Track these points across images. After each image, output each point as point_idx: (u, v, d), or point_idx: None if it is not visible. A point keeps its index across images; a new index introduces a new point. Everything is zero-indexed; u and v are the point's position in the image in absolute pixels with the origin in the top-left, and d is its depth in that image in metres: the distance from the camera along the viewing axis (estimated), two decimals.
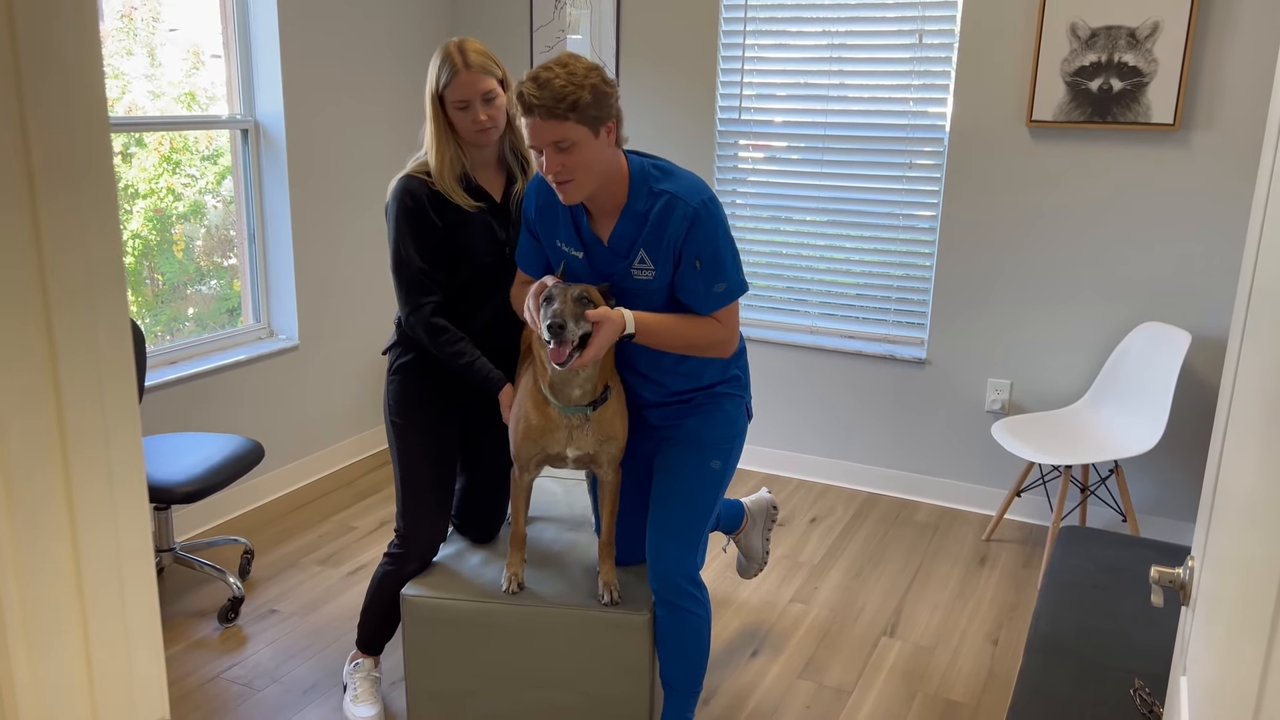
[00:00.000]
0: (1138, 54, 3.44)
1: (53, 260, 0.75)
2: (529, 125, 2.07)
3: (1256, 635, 0.84)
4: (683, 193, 2.16)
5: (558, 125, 2.03)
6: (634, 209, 2.19)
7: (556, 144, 2.05)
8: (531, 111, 2.04)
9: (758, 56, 4.12)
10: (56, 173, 0.75)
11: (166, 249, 3.75)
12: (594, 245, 2.25)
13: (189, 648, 3.02)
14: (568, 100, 2.02)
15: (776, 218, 4.23)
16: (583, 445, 2.30)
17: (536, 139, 2.07)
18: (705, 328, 2.23)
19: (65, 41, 0.74)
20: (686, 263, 2.17)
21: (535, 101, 2.03)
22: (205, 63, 3.76)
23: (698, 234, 2.15)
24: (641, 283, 2.22)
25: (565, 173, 2.08)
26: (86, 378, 0.78)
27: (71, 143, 0.76)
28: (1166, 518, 3.78)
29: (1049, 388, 3.87)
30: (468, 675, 2.50)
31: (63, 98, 0.75)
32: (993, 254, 3.85)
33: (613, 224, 2.22)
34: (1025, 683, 2.09)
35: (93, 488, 0.80)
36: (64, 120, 0.75)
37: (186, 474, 3.00)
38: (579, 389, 2.22)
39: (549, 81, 2.02)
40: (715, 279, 2.19)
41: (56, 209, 0.75)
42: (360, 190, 4.26)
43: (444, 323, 2.42)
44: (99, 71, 0.77)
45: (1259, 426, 0.98)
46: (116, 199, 0.80)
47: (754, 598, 3.38)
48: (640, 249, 2.20)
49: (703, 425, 2.37)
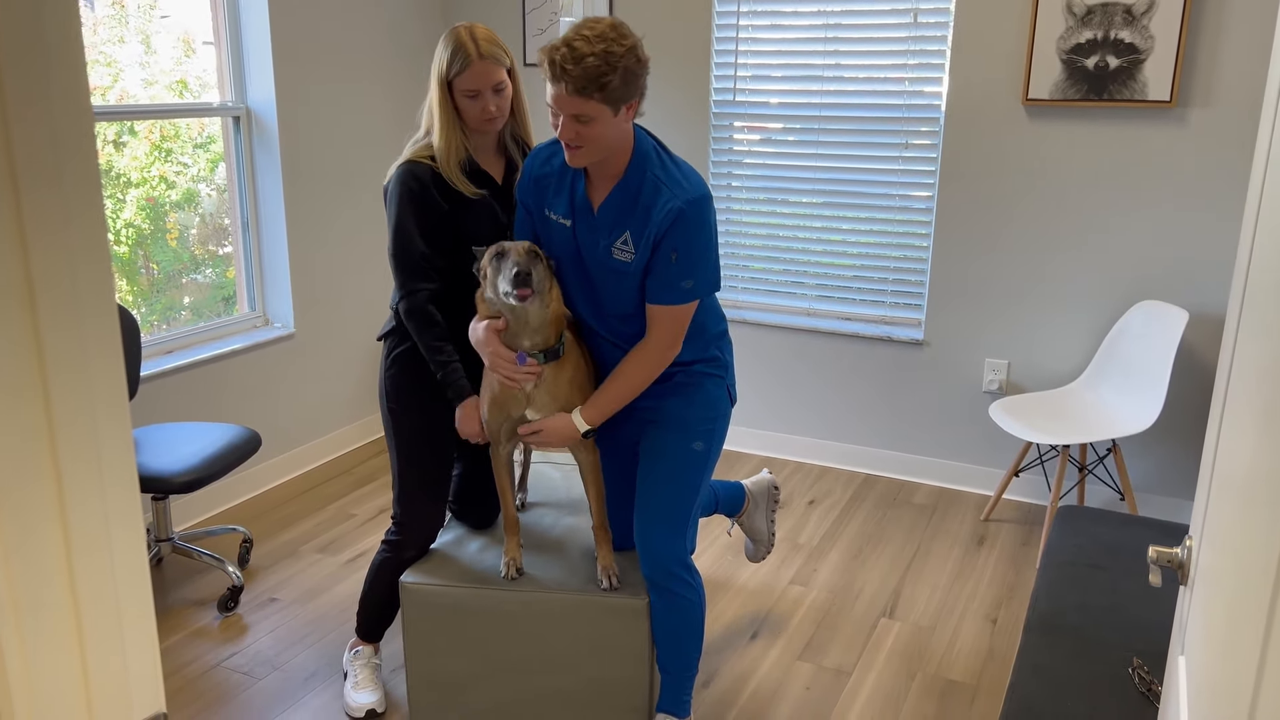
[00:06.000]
0: (1134, 30, 3.42)
1: (36, 248, 0.74)
2: (554, 91, 2.08)
3: (1255, 614, 0.84)
4: (675, 188, 2.18)
5: (582, 101, 2.05)
6: (627, 184, 2.20)
7: (576, 116, 2.07)
8: (559, 81, 2.05)
9: (752, 37, 4.10)
10: (39, 162, 0.74)
11: (161, 238, 3.74)
12: (583, 212, 2.26)
13: (189, 637, 3.02)
14: (597, 81, 2.03)
15: (772, 199, 4.21)
16: (542, 407, 2.31)
17: (558, 105, 2.09)
18: (643, 367, 2.27)
19: (48, 32, 0.73)
20: (663, 252, 2.19)
21: (565, 74, 2.04)
22: (196, 50, 3.74)
23: (680, 230, 2.17)
24: (620, 263, 2.24)
25: (577, 140, 2.11)
26: (73, 367, 0.77)
27: (54, 132, 0.75)
28: (1164, 496, 3.78)
29: (1046, 367, 3.87)
30: (468, 661, 2.50)
31: (43, 88, 0.73)
32: (989, 234, 3.84)
33: (605, 193, 2.23)
34: (1024, 662, 2.10)
35: (82, 479, 0.79)
36: (45, 110, 0.74)
37: (184, 464, 2.99)
38: (529, 338, 2.25)
39: (583, 58, 2.02)
40: (686, 275, 2.21)
41: (39, 198, 0.74)
42: (353, 176, 4.24)
43: (437, 315, 2.40)
44: (79, 51, 0.75)
45: (1257, 404, 0.97)
46: (100, 184, 0.79)
47: (753, 580, 3.38)
48: (626, 230, 2.21)
49: (684, 406, 2.37)
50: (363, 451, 4.42)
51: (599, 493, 2.44)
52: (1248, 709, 0.81)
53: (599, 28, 2.06)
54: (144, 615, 0.86)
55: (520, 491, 2.87)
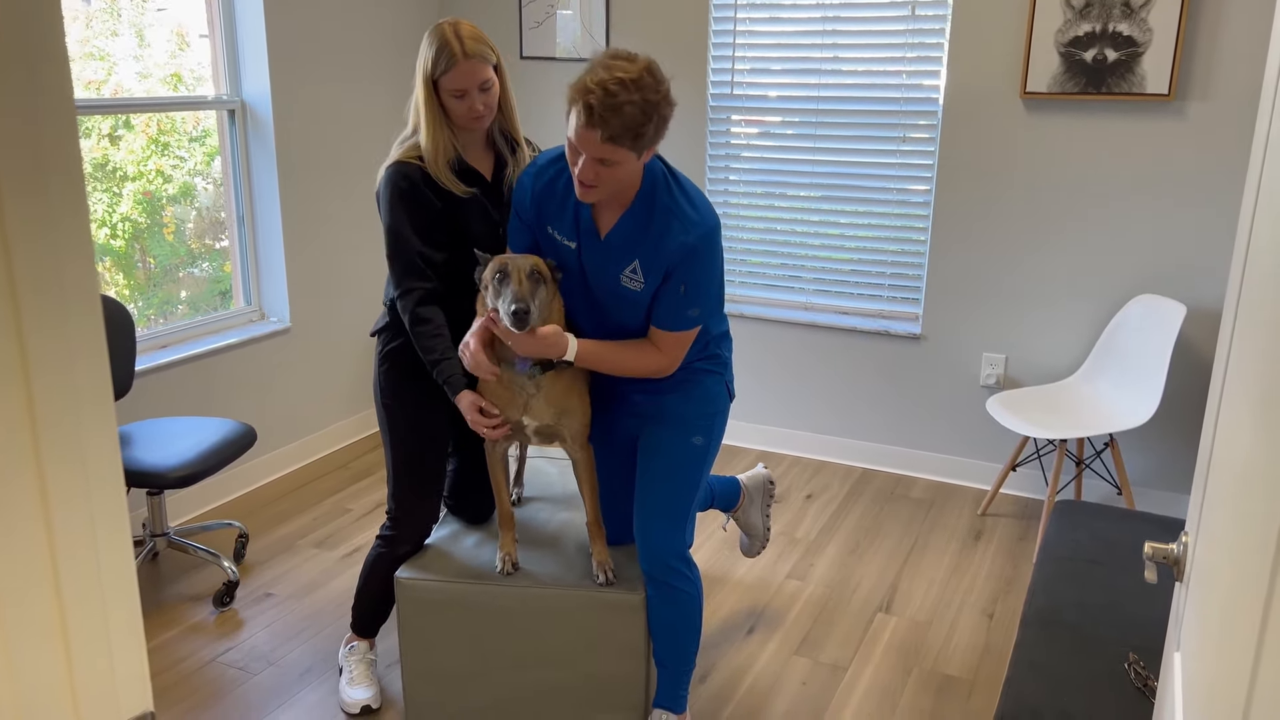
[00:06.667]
0: (1132, 23, 3.41)
1: (18, 248, 0.73)
2: (580, 130, 1.99)
3: (1250, 610, 0.83)
4: (686, 221, 2.15)
5: (612, 148, 2.00)
6: (636, 213, 2.17)
7: (601, 160, 2.02)
8: (593, 127, 1.97)
9: (750, 30, 4.08)
10: (21, 160, 0.73)
11: (157, 232, 3.73)
12: (589, 236, 2.22)
13: (184, 632, 3.02)
14: (633, 131, 1.97)
15: (770, 194, 4.20)
16: (539, 415, 2.30)
17: (584, 147, 2.01)
18: (643, 356, 2.24)
19: (29, 28, 0.72)
20: (673, 284, 2.18)
21: (602, 122, 1.96)
22: (191, 44, 3.72)
23: (693, 263, 2.16)
24: (629, 291, 2.22)
25: (595, 180, 2.05)
26: (57, 368, 0.77)
27: (37, 129, 0.74)
28: (1161, 490, 3.78)
29: (1044, 362, 3.87)
30: (463, 657, 2.50)
31: (26, 85, 0.73)
32: (987, 228, 3.83)
33: (613, 221, 2.20)
34: (1021, 656, 2.09)
35: (67, 480, 0.79)
36: (27, 107, 0.73)
37: (179, 458, 2.98)
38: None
39: (621, 106, 1.94)
40: (693, 304, 2.20)
41: (21, 196, 0.73)
42: (349, 170, 4.22)
43: (429, 314, 2.37)
44: (62, 46, 0.75)
45: (1253, 399, 0.97)
46: (84, 182, 0.78)
47: (750, 575, 3.38)
48: (635, 259, 2.19)
49: (683, 402, 2.37)
50: (358, 446, 4.42)
51: (593, 489, 2.44)
52: (1243, 705, 0.81)
53: (634, 71, 1.97)
54: (130, 615, 0.85)
55: (516, 486, 2.86)
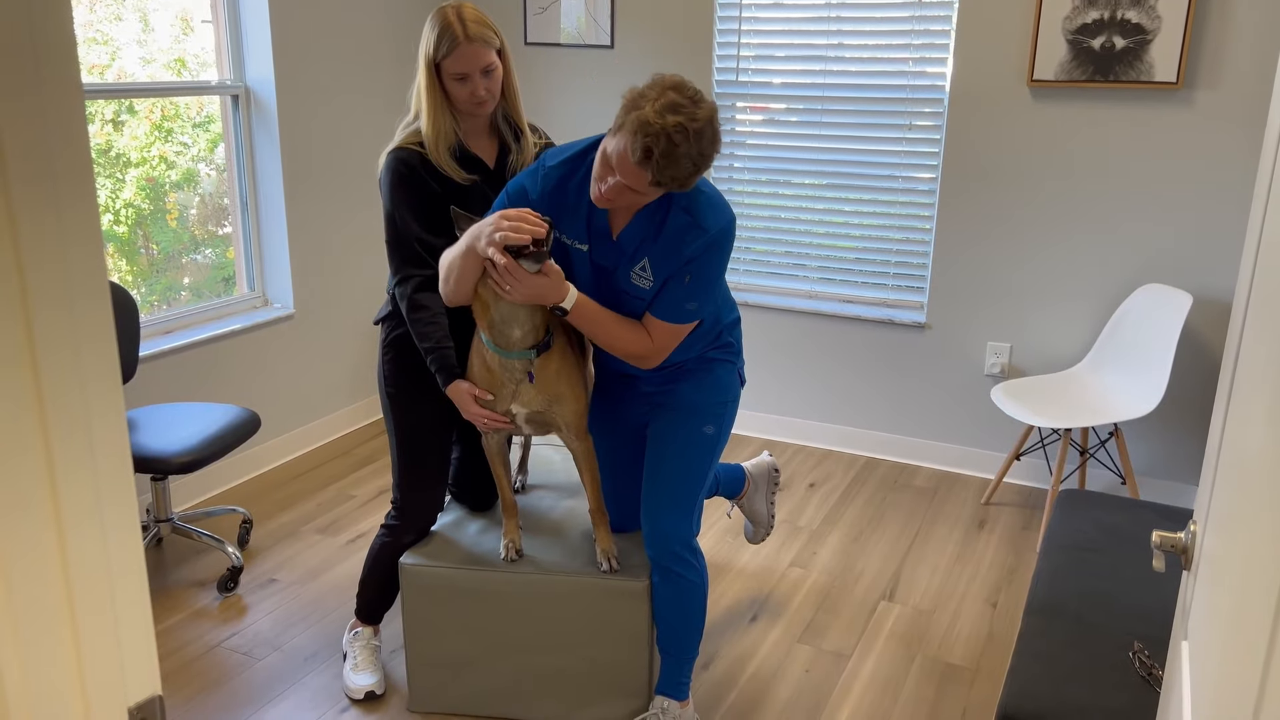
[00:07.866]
0: (1140, 10, 3.39)
1: (26, 232, 0.73)
2: (630, 165, 1.95)
3: (1263, 600, 0.83)
4: (705, 218, 2.14)
5: (656, 189, 2.01)
6: (650, 213, 2.17)
7: (638, 191, 2.01)
8: (646, 169, 1.94)
9: (755, 17, 4.06)
10: (29, 145, 0.73)
11: (161, 218, 3.72)
12: (602, 237, 2.21)
13: (189, 617, 3.02)
14: (680, 181, 1.97)
15: (775, 181, 4.19)
16: (529, 402, 2.28)
17: (625, 176, 1.98)
18: (634, 335, 2.22)
19: (37, 13, 0.71)
20: (680, 274, 2.17)
21: (656, 167, 1.93)
22: (195, 28, 3.71)
23: (704, 258, 2.16)
24: (636, 288, 2.21)
25: (620, 200, 2.05)
26: (65, 348, 0.76)
27: (44, 115, 0.73)
28: (1166, 480, 3.78)
29: (1049, 351, 3.86)
30: (467, 643, 2.50)
31: (34, 70, 0.72)
32: (992, 216, 3.82)
33: (625, 221, 2.19)
34: (1024, 645, 2.09)
35: (73, 458, 0.78)
36: (35, 92, 0.72)
37: (183, 444, 2.98)
38: (519, 329, 2.20)
39: (680, 159, 1.92)
40: (693, 298, 2.19)
41: (29, 181, 0.73)
42: (353, 156, 4.21)
43: (426, 300, 2.36)
44: (70, 32, 0.74)
45: (1266, 389, 0.96)
46: (92, 167, 0.78)
47: (753, 563, 3.38)
48: (645, 257, 2.18)
49: (695, 390, 2.36)
50: (363, 432, 4.42)
51: (594, 478, 2.43)
52: (1255, 696, 0.80)
53: (700, 121, 1.93)
54: (138, 596, 0.85)
55: (521, 474, 2.86)
